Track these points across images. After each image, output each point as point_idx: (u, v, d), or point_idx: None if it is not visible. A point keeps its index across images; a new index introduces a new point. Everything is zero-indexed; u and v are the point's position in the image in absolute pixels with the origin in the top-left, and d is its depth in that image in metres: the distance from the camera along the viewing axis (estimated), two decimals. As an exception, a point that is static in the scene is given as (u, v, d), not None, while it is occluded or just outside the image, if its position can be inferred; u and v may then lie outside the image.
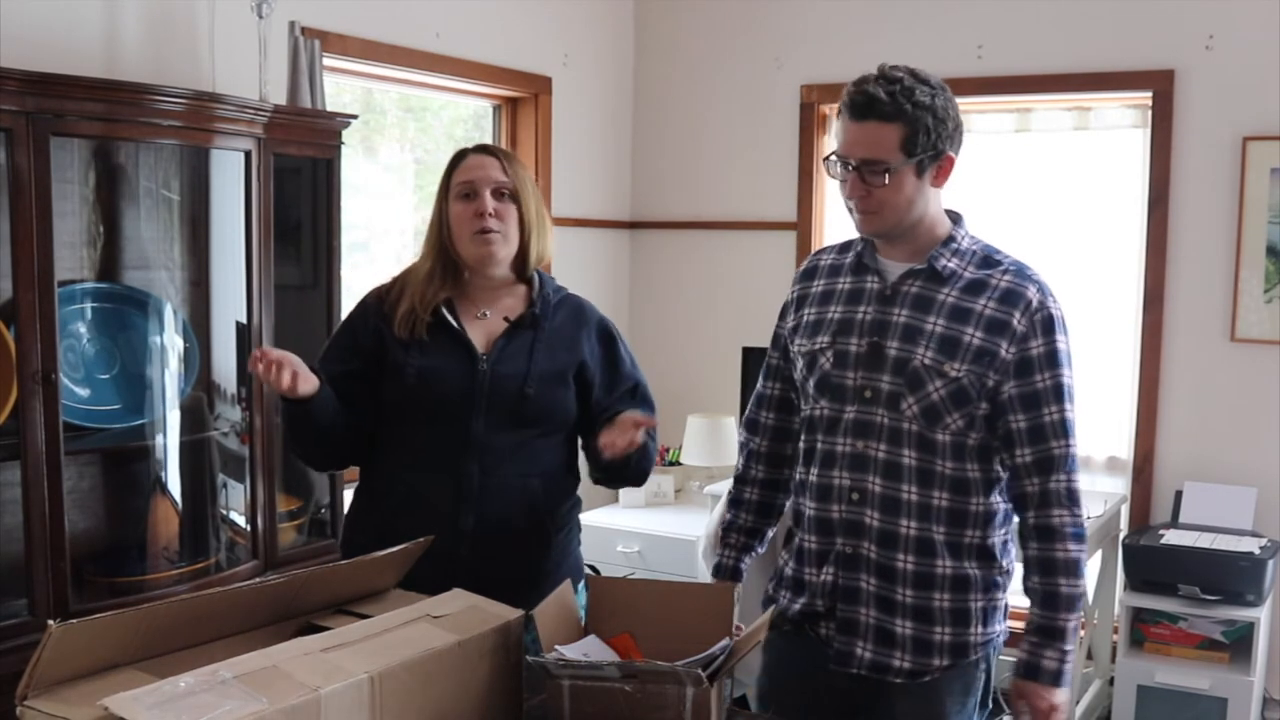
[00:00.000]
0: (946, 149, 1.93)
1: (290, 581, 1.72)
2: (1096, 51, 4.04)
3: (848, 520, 1.99)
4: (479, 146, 2.23)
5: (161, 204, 2.96)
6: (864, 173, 1.91)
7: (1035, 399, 1.94)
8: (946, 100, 1.92)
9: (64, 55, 2.71)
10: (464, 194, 2.15)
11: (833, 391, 2.00)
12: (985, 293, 1.95)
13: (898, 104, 1.87)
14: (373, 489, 2.23)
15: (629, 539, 4.23)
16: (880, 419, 1.96)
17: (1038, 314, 1.94)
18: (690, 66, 4.74)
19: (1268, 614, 3.66)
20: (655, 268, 4.86)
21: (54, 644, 1.41)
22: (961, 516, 1.97)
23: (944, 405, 1.93)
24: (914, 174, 1.91)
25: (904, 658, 1.99)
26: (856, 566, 1.99)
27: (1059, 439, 1.94)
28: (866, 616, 1.99)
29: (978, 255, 2.00)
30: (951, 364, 1.92)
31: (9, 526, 2.51)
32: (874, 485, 1.97)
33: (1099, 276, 4.21)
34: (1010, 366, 1.93)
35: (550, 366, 2.16)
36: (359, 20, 3.56)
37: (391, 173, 4.16)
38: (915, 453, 1.95)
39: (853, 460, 1.98)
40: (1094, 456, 4.25)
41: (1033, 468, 1.95)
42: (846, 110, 1.92)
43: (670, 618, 1.90)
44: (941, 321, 1.94)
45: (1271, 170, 3.83)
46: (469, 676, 1.67)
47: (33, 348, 2.42)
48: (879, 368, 1.96)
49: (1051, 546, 1.95)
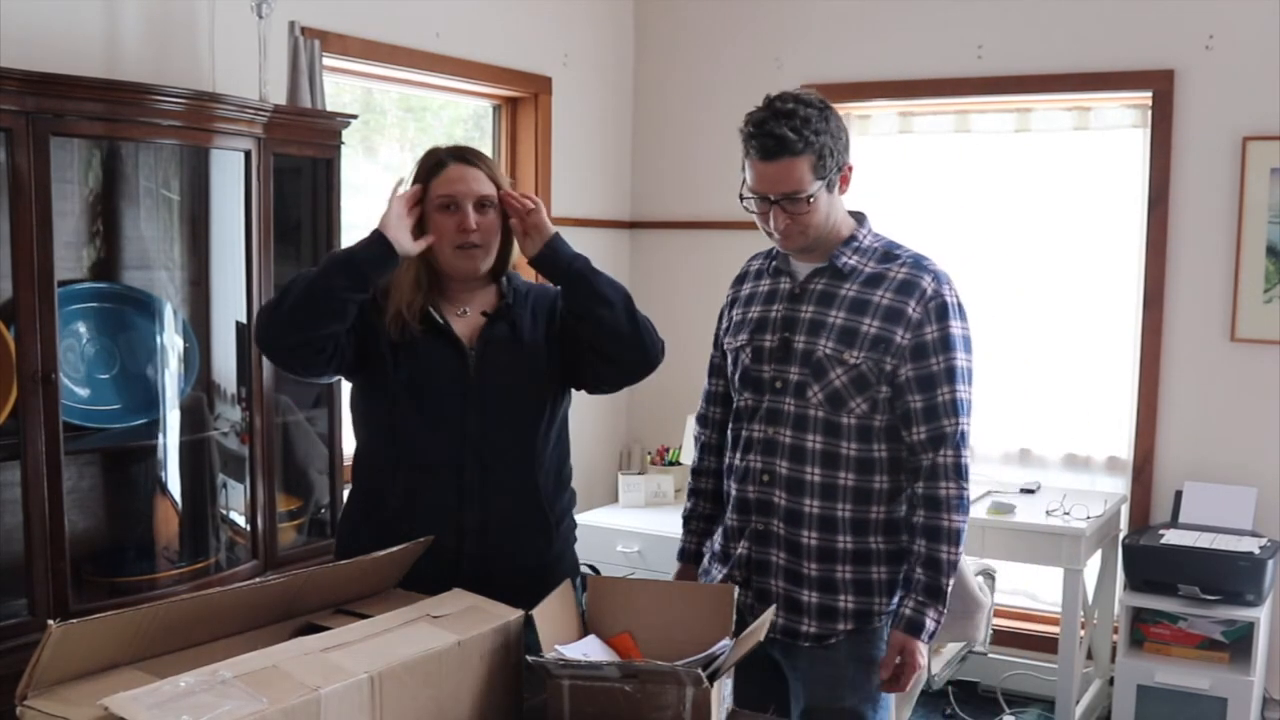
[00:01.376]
0: (845, 160, 2.12)
1: (290, 581, 1.72)
2: (1096, 51, 4.04)
3: (759, 500, 2.19)
4: (458, 153, 2.17)
5: (161, 204, 2.96)
6: (784, 205, 2.07)
7: (930, 380, 2.10)
8: (834, 117, 2.09)
9: (64, 55, 2.71)
10: (445, 206, 2.12)
11: (752, 384, 2.20)
12: (883, 285, 2.13)
13: (804, 138, 2.03)
14: (369, 492, 2.23)
15: (629, 539, 4.23)
16: (788, 407, 2.15)
17: (932, 302, 2.10)
18: (690, 66, 4.74)
19: (1267, 614, 3.66)
20: (655, 268, 4.86)
21: (54, 644, 1.41)
22: (866, 494, 2.14)
23: (846, 391, 2.11)
24: (825, 193, 2.10)
25: (810, 623, 2.16)
26: (767, 542, 2.18)
27: (950, 417, 2.10)
28: (776, 587, 2.18)
29: (878, 251, 2.18)
30: (850, 352, 2.10)
31: (9, 526, 2.51)
32: (781, 468, 2.16)
33: (1099, 276, 4.21)
34: (906, 351, 2.09)
35: (533, 355, 2.18)
36: (359, 20, 3.56)
37: (391, 173, 4.16)
38: (820, 437, 2.13)
39: (764, 445, 2.18)
40: (1094, 456, 4.26)
41: (927, 444, 2.11)
42: (756, 153, 2.07)
43: (670, 618, 1.91)
44: (842, 314, 2.12)
45: (1271, 170, 3.83)
46: (469, 676, 1.67)
47: (33, 348, 2.42)
48: (788, 360, 2.15)
49: (938, 515, 2.11)
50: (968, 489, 2.13)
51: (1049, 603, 4.29)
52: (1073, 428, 4.28)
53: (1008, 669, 4.25)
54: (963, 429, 2.11)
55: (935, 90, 4.31)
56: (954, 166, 4.40)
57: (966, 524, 2.14)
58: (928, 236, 4.06)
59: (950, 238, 4.29)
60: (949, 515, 2.10)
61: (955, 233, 4.34)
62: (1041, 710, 4.12)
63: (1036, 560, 3.86)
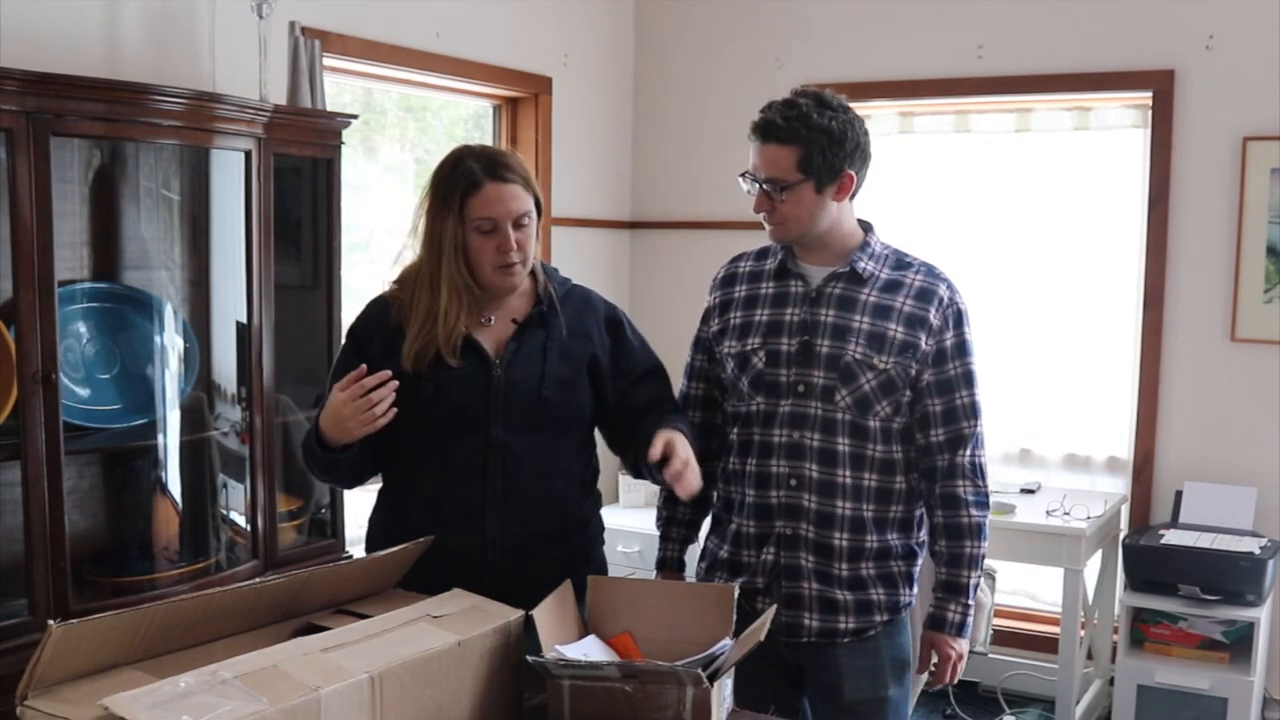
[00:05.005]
0: (845, 167, 2.12)
1: (290, 581, 1.72)
2: (1096, 51, 4.04)
3: (786, 504, 2.18)
4: (491, 169, 2.06)
5: (161, 204, 2.96)
6: (768, 189, 2.12)
7: (949, 385, 2.16)
8: (846, 123, 2.11)
9: (64, 55, 2.71)
10: (486, 229, 2.05)
11: (767, 388, 2.18)
12: (902, 291, 2.17)
13: (793, 129, 2.08)
14: (396, 503, 2.20)
15: (629, 539, 4.23)
16: (814, 410, 2.15)
17: (950, 309, 2.17)
18: (690, 66, 4.74)
19: (1268, 614, 3.66)
20: (655, 268, 4.86)
21: (54, 644, 1.41)
22: (888, 494, 2.18)
23: (874, 395, 2.13)
24: (812, 190, 2.11)
25: (849, 620, 2.18)
26: (796, 546, 2.18)
27: (969, 420, 2.18)
28: (809, 590, 2.18)
29: (890, 258, 2.21)
30: (880, 357, 2.12)
31: (9, 526, 2.51)
32: (811, 471, 2.16)
33: (1099, 276, 4.21)
34: (929, 357, 2.15)
35: (564, 366, 2.13)
36: (359, 20, 3.56)
37: (391, 173, 4.17)
38: (849, 439, 2.15)
39: (789, 449, 2.17)
40: (1094, 457, 4.26)
41: (945, 445, 2.17)
42: (753, 132, 2.14)
43: (670, 618, 1.90)
44: (867, 319, 2.14)
45: (1271, 170, 3.83)
46: (469, 676, 1.67)
47: (33, 348, 2.41)
48: (810, 364, 2.15)
49: (957, 513, 2.17)
50: (985, 486, 2.20)
51: (1049, 603, 4.29)
52: (1073, 428, 4.28)
53: (1008, 669, 4.25)
54: (979, 431, 2.19)
55: (935, 90, 4.31)
56: (954, 167, 4.40)
57: (988, 519, 2.20)
58: (928, 237, 4.07)
59: (951, 238, 4.29)
60: (969, 512, 2.17)
61: (956, 233, 4.33)
62: (1042, 710, 4.12)
63: (1037, 560, 3.86)
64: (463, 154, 2.10)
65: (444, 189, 2.07)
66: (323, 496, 3.24)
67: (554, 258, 4.43)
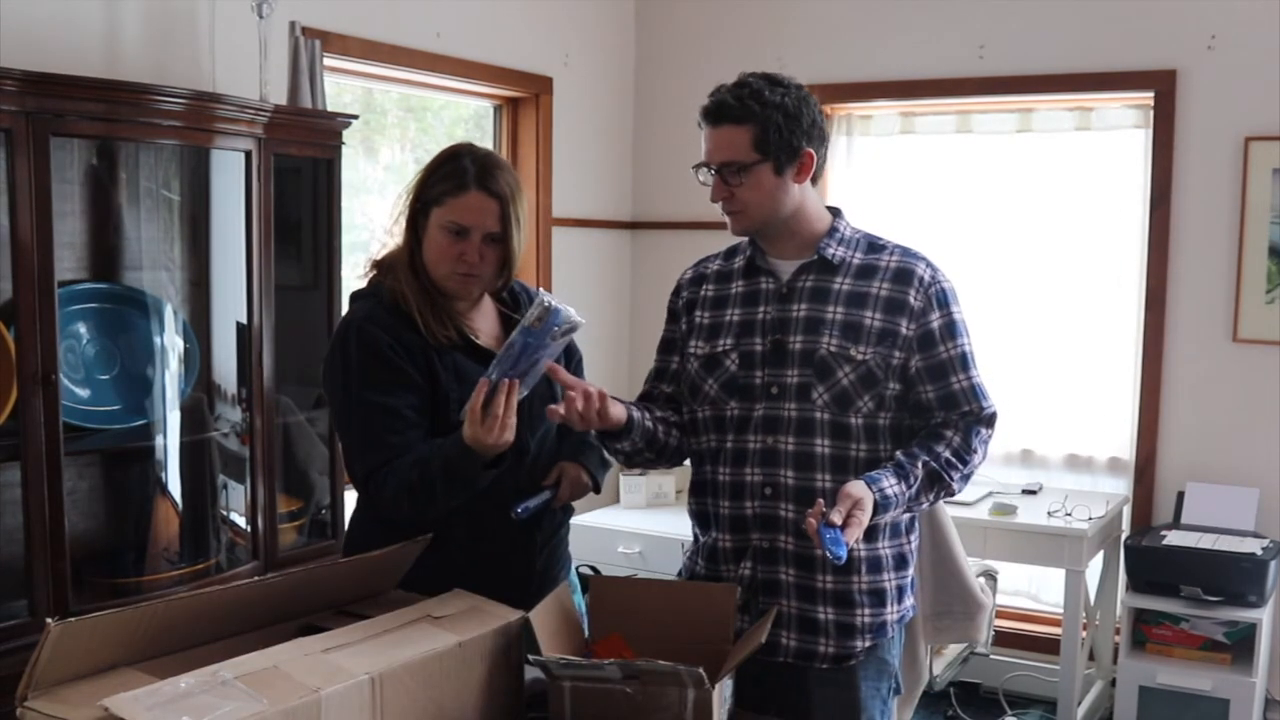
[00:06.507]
0: (803, 145, 2.01)
1: (290, 581, 1.72)
2: (1098, 51, 4.03)
3: (762, 515, 2.03)
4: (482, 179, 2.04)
5: (161, 204, 2.96)
6: (724, 174, 2.02)
7: (942, 369, 2.02)
8: (800, 100, 2.01)
9: (64, 55, 2.71)
10: (454, 230, 2.04)
11: (741, 391, 2.05)
12: (877, 275, 2.04)
13: (746, 107, 1.99)
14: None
15: (629, 540, 4.23)
16: (788, 412, 2.01)
17: (932, 288, 2.03)
18: (690, 67, 4.73)
19: (1270, 615, 3.65)
20: (655, 268, 4.85)
21: (53, 643, 1.40)
22: None
23: (853, 389, 1.99)
24: (771, 171, 2.00)
25: (828, 643, 2.04)
26: (775, 559, 2.04)
27: (973, 402, 2.04)
28: (788, 607, 2.03)
29: (862, 242, 2.09)
30: (857, 348, 1.99)
31: (9, 527, 2.51)
32: (786, 478, 2.01)
33: (1100, 277, 4.20)
34: (913, 342, 2.01)
35: None
36: (359, 20, 3.56)
37: (391, 173, 4.16)
38: (829, 441, 2.00)
39: (763, 456, 2.02)
40: (1096, 457, 4.25)
41: (954, 420, 2.03)
42: (702, 117, 2.05)
43: (670, 618, 1.90)
44: (840, 309, 2.02)
45: (1273, 170, 3.82)
46: (469, 677, 1.66)
47: (33, 348, 2.41)
48: (783, 363, 2.02)
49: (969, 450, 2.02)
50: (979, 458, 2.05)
51: (1051, 604, 4.29)
52: (1074, 428, 4.27)
53: (1009, 670, 4.25)
54: (988, 409, 2.05)
55: (937, 90, 4.30)
56: (955, 167, 4.40)
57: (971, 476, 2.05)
58: (929, 237, 4.05)
59: (952, 238, 4.28)
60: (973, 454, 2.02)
61: (957, 233, 4.33)
62: (1043, 712, 4.12)
63: (1038, 561, 3.86)
64: (461, 151, 2.10)
65: (434, 183, 2.07)
66: (323, 498, 3.24)
67: (554, 258, 4.43)
